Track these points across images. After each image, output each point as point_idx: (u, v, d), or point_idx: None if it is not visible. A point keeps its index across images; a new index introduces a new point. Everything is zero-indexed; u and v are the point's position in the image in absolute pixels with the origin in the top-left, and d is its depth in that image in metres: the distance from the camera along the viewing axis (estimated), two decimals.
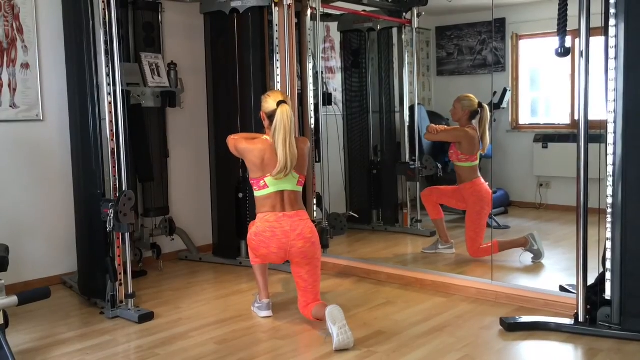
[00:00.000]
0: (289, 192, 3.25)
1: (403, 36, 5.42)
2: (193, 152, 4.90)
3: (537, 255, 4.25)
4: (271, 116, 3.20)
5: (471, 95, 4.43)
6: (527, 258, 4.27)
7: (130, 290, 3.47)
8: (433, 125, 4.55)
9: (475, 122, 4.39)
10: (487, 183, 4.41)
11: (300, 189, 3.31)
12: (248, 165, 3.32)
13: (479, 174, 4.40)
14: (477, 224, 4.32)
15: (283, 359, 2.86)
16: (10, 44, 3.90)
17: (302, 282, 3.26)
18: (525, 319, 3.20)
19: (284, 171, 3.17)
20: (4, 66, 3.88)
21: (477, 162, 4.39)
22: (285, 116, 3.14)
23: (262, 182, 3.24)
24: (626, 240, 2.95)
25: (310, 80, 4.49)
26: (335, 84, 5.81)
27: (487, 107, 4.40)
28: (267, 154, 3.20)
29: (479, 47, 6.12)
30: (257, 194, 3.28)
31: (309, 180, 4.35)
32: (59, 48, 3.92)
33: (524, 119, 6.15)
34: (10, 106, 3.92)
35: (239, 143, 3.32)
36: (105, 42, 3.40)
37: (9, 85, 3.91)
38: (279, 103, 3.17)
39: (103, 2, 3.38)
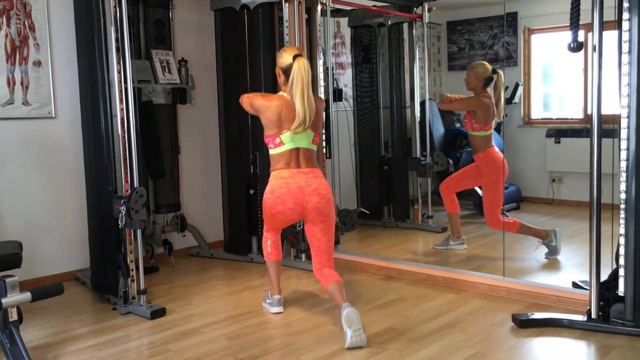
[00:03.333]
0: (304, 149, 3.20)
1: (414, 31, 5.40)
2: (204, 149, 4.91)
3: (553, 252, 4.21)
4: (287, 70, 3.14)
5: (485, 62, 4.38)
6: (541, 252, 4.23)
7: (142, 287, 3.48)
8: (447, 94, 4.50)
9: (489, 89, 4.32)
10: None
11: (315, 147, 3.26)
12: (264, 122, 3.23)
13: (493, 143, 4.34)
14: (494, 194, 4.26)
15: (295, 355, 2.87)
16: (22, 42, 3.92)
17: (316, 241, 3.22)
18: (538, 315, 3.19)
19: (303, 125, 3.11)
20: (16, 64, 3.90)
21: (492, 131, 4.33)
22: (302, 69, 3.08)
23: (277, 139, 3.18)
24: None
25: (321, 76, 4.48)
26: (346, 80, 5.79)
27: (501, 73, 4.32)
28: (285, 110, 3.14)
29: (490, 41, 6.09)
30: (272, 151, 3.22)
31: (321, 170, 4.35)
32: (71, 46, 3.93)
33: (536, 113, 6.11)
34: (23, 104, 3.94)
35: (255, 100, 3.26)
36: (117, 40, 3.41)
37: (22, 83, 3.93)
38: (295, 57, 3.11)
39: None
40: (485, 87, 4.32)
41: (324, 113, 3.73)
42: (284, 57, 3.18)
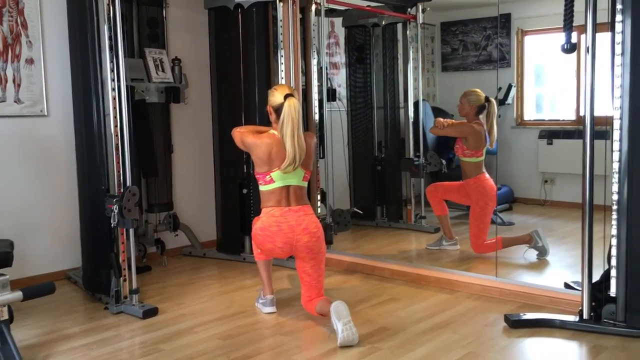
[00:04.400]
0: (294, 187, 3.24)
1: (408, 32, 5.40)
2: (197, 148, 4.90)
3: (542, 252, 4.23)
4: (278, 110, 3.17)
5: (478, 90, 4.41)
6: (532, 255, 4.26)
7: (134, 286, 3.47)
8: (440, 119, 4.52)
9: (482, 117, 4.37)
10: (492, 179, 4.40)
11: (306, 184, 3.30)
12: (254, 160, 3.29)
13: (484, 170, 4.39)
14: (480, 220, 4.31)
15: (287, 355, 2.86)
16: (14, 39, 3.90)
17: (307, 276, 3.26)
18: (530, 315, 3.20)
19: (293, 165, 3.15)
20: (8, 61, 3.88)
21: (483, 157, 4.38)
22: (292, 109, 3.11)
23: (268, 176, 3.22)
24: (632, 237, 2.94)
25: (315, 75, 4.48)
26: (340, 80, 5.79)
27: (494, 102, 4.38)
28: (275, 149, 3.17)
29: (484, 42, 6.10)
30: (263, 188, 3.27)
31: (313, 176, 4.36)
32: (64, 43, 3.91)
33: (529, 115, 6.13)
34: (15, 101, 3.92)
35: (246, 137, 3.29)
36: (110, 38, 3.39)
37: (14, 81, 3.91)
38: (286, 96, 3.14)
39: None
40: (477, 115, 4.37)
41: (315, 148, 3.77)
42: (275, 96, 3.20)
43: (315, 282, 3.26)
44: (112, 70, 3.41)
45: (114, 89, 3.42)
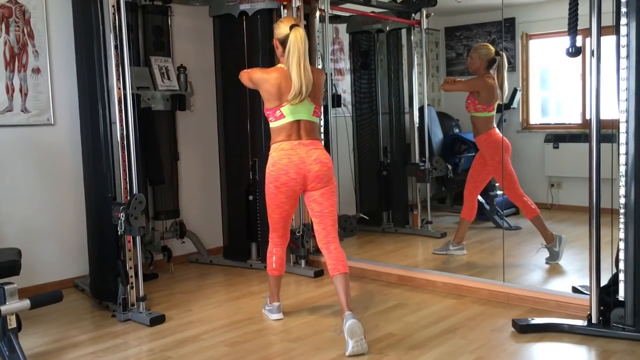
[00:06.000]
0: (305, 121, 3.16)
1: (412, 37, 5.41)
2: (203, 155, 4.91)
3: (554, 257, 4.20)
4: (284, 41, 3.10)
5: (488, 44, 4.39)
6: (541, 256, 4.22)
7: (141, 293, 3.47)
8: (450, 77, 4.49)
9: (492, 71, 4.31)
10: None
11: (317, 120, 3.23)
12: (263, 95, 3.20)
13: (495, 125, 4.33)
14: (505, 173, 4.18)
15: None
16: (21, 49, 3.93)
17: (318, 205, 3.17)
18: (538, 320, 3.18)
19: (299, 96, 3.08)
20: (15, 71, 3.90)
21: (494, 112, 4.32)
22: (298, 39, 3.05)
23: (278, 111, 3.14)
24: (639, 240, 2.92)
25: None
26: (345, 86, 5.80)
27: (504, 55, 4.33)
28: (284, 82, 3.10)
29: None
30: (273, 124, 3.19)
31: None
32: (70, 52, 3.94)
33: (535, 119, 6.12)
34: (22, 111, 3.94)
35: (254, 73, 3.24)
36: (115, 47, 3.41)
37: (20, 90, 3.93)
38: (292, 27, 3.08)
39: (113, 6, 3.39)
40: (488, 69, 4.31)
41: (324, 84, 3.65)
42: (281, 28, 3.14)
43: (328, 211, 3.17)
44: (118, 79, 3.43)
45: (119, 97, 3.43)
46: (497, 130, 4.33)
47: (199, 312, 3.61)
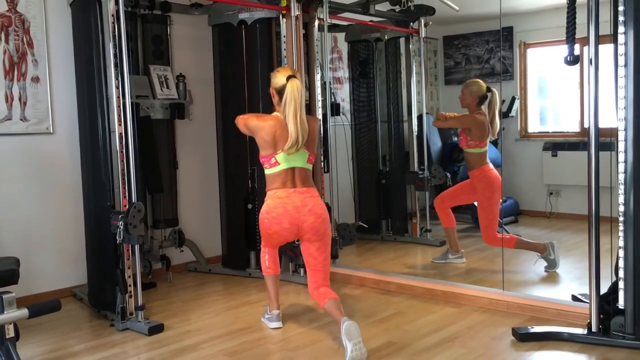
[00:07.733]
0: (299, 169, 3.21)
1: (410, 46, 5.43)
2: (202, 164, 4.91)
3: (552, 265, 4.21)
4: (281, 91, 3.16)
5: (479, 80, 4.42)
6: (540, 266, 4.23)
7: (140, 302, 3.46)
8: (442, 112, 4.53)
9: (484, 107, 4.35)
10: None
11: (311, 167, 3.27)
12: (259, 142, 3.26)
13: (488, 161, 4.37)
14: (489, 211, 4.27)
15: None
16: (20, 58, 3.94)
17: (312, 259, 3.23)
18: (538, 329, 3.17)
19: (295, 146, 3.13)
20: (14, 80, 3.91)
21: (486, 148, 4.36)
22: (295, 90, 3.10)
23: (272, 159, 3.19)
24: (639, 248, 2.92)
25: (318, 90, 4.50)
26: (343, 94, 5.82)
27: (495, 91, 4.36)
28: (279, 130, 3.16)
29: (486, 55, 6.13)
30: (268, 171, 3.24)
31: (317, 190, 4.34)
32: (69, 61, 3.95)
33: (533, 127, 6.14)
34: (21, 119, 3.94)
35: (250, 121, 3.29)
36: (115, 55, 3.42)
37: (20, 99, 3.93)
38: (289, 77, 3.14)
39: (112, 15, 3.41)
40: (479, 105, 4.36)
41: (319, 132, 3.76)
42: (278, 78, 3.20)
43: (321, 265, 3.23)
44: (117, 88, 3.43)
45: (119, 106, 3.44)
46: (490, 166, 4.36)
47: (198, 321, 3.59)
